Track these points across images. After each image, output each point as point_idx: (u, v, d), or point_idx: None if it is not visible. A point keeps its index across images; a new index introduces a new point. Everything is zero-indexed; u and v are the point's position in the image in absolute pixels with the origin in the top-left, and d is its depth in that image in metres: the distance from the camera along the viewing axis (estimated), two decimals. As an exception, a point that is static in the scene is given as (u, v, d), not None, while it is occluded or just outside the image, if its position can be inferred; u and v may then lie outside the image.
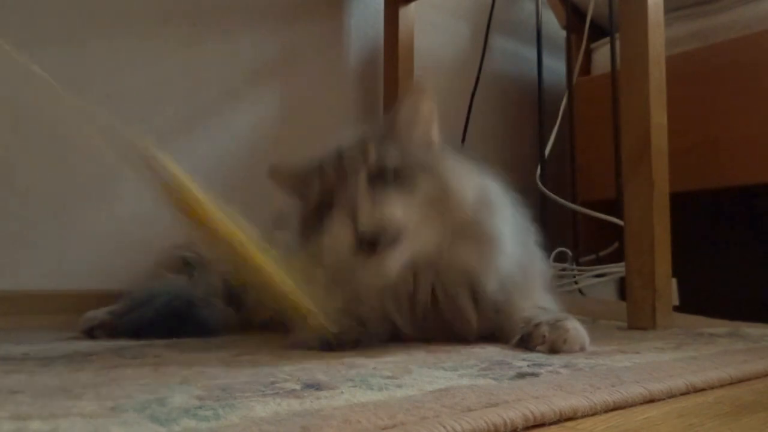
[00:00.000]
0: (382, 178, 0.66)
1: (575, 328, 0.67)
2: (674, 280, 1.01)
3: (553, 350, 0.65)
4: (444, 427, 0.35)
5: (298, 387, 0.46)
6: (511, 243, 0.71)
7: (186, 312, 0.84)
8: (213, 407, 0.39)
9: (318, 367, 0.55)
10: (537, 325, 0.68)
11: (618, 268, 1.34)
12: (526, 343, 0.68)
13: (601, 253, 1.49)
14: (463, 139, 1.56)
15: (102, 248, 1.09)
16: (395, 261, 0.64)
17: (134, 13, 1.16)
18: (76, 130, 0.61)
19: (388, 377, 0.51)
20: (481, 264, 0.70)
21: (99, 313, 0.85)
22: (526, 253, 0.76)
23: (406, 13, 1.44)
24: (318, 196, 0.69)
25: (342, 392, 0.44)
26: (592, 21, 1.61)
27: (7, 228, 1.01)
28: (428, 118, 0.75)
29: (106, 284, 1.02)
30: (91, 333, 0.83)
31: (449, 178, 0.69)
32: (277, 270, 0.59)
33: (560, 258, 1.54)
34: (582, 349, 0.67)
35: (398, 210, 0.63)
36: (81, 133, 0.58)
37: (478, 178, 0.73)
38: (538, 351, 0.66)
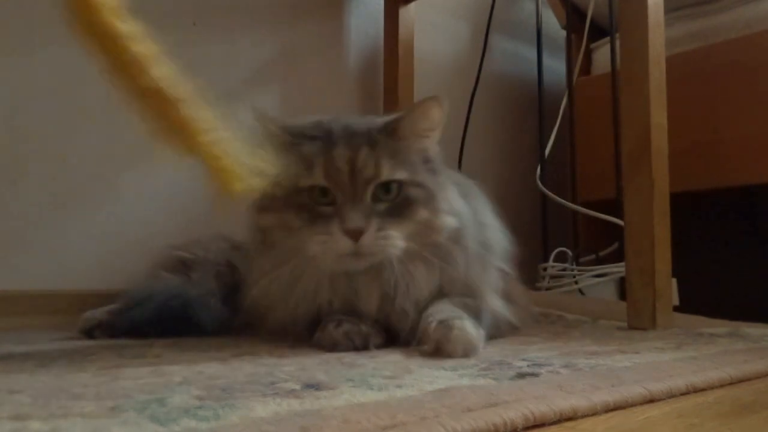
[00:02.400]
0: (387, 192, 0.70)
1: (462, 328, 0.63)
2: (674, 280, 1.01)
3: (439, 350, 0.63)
4: (444, 427, 0.35)
5: (298, 387, 0.46)
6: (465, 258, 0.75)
7: (182, 312, 0.84)
8: (213, 407, 0.39)
9: (318, 367, 0.55)
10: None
11: (618, 268, 1.34)
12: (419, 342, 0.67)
13: (601, 253, 1.49)
14: (463, 139, 1.56)
15: (101, 248, 1.09)
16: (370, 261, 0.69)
17: (133, 13, 1.16)
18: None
19: (388, 377, 0.51)
20: (437, 282, 0.73)
21: (98, 313, 0.85)
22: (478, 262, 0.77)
23: (406, 13, 1.44)
24: (315, 181, 0.69)
25: (342, 392, 0.44)
26: (592, 21, 1.61)
27: (7, 228, 1.01)
28: (436, 130, 0.76)
29: (106, 284, 1.02)
30: (90, 333, 0.83)
31: (441, 209, 0.73)
32: (211, 131, 0.59)
33: (560, 258, 1.54)
34: (466, 354, 0.62)
35: (395, 238, 0.69)
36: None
37: (460, 202, 0.77)
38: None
